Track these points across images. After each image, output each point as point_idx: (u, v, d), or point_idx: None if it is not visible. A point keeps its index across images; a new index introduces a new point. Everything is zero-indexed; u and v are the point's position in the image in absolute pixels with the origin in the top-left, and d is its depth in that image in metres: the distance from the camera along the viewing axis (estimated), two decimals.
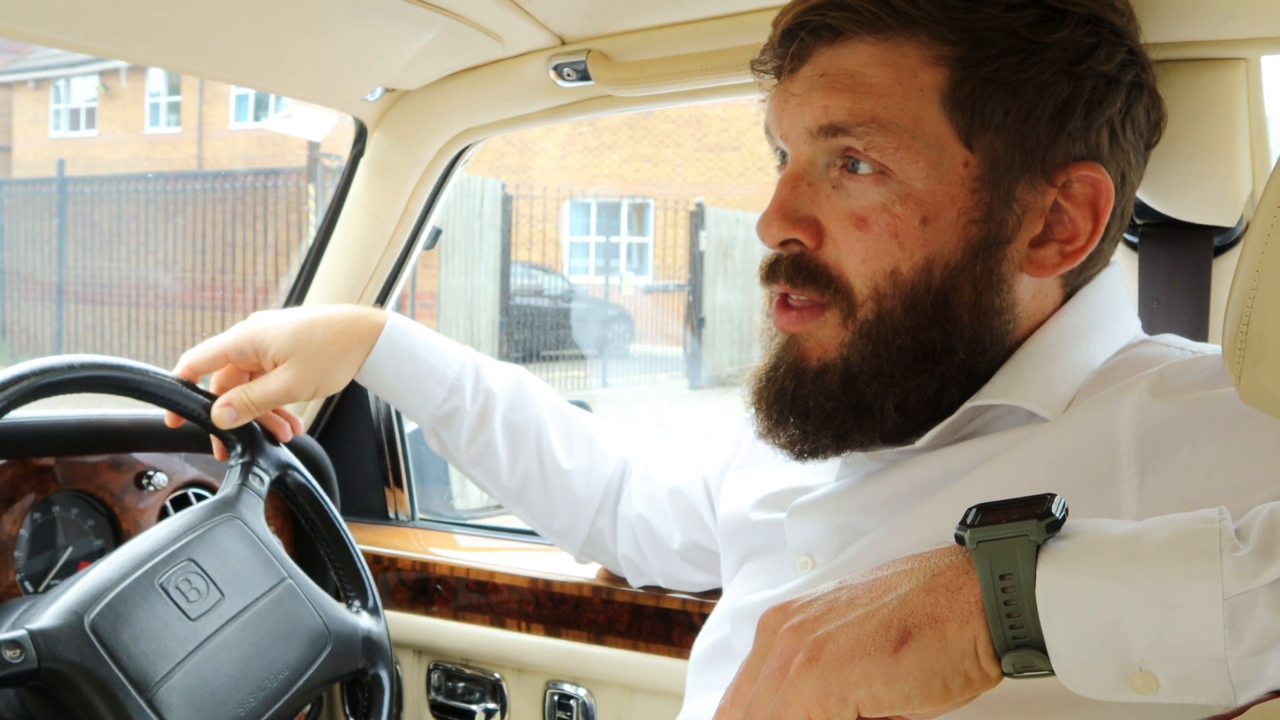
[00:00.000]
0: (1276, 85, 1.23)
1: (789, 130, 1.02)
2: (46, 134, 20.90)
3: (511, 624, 1.76)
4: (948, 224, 0.97)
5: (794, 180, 1.01)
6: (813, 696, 0.72)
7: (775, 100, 1.04)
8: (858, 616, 0.73)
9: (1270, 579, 0.64)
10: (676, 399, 13.41)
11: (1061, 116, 0.97)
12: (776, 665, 0.74)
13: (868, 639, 0.71)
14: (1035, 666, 0.70)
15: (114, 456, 1.64)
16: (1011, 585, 0.69)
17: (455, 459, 1.52)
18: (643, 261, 17.19)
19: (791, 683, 0.73)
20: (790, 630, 0.75)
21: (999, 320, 0.99)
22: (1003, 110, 0.96)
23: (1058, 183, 0.98)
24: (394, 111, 1.79)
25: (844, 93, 0.97)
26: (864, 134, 0.96)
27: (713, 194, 16.37)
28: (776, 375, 1.03)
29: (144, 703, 1.19)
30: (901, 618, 0.71)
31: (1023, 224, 0.98)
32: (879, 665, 0.70)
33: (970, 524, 0.72)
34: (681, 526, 1.45)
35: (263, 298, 11.62)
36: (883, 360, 0.98)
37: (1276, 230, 0.70)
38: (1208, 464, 0.85)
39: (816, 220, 1.00)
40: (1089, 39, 0.96)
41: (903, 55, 0.96)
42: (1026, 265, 0.99)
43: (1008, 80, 0.95)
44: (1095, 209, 0.99)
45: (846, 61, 0.98)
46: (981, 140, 0.96)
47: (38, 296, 13.02)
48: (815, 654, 0.72)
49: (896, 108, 0.96)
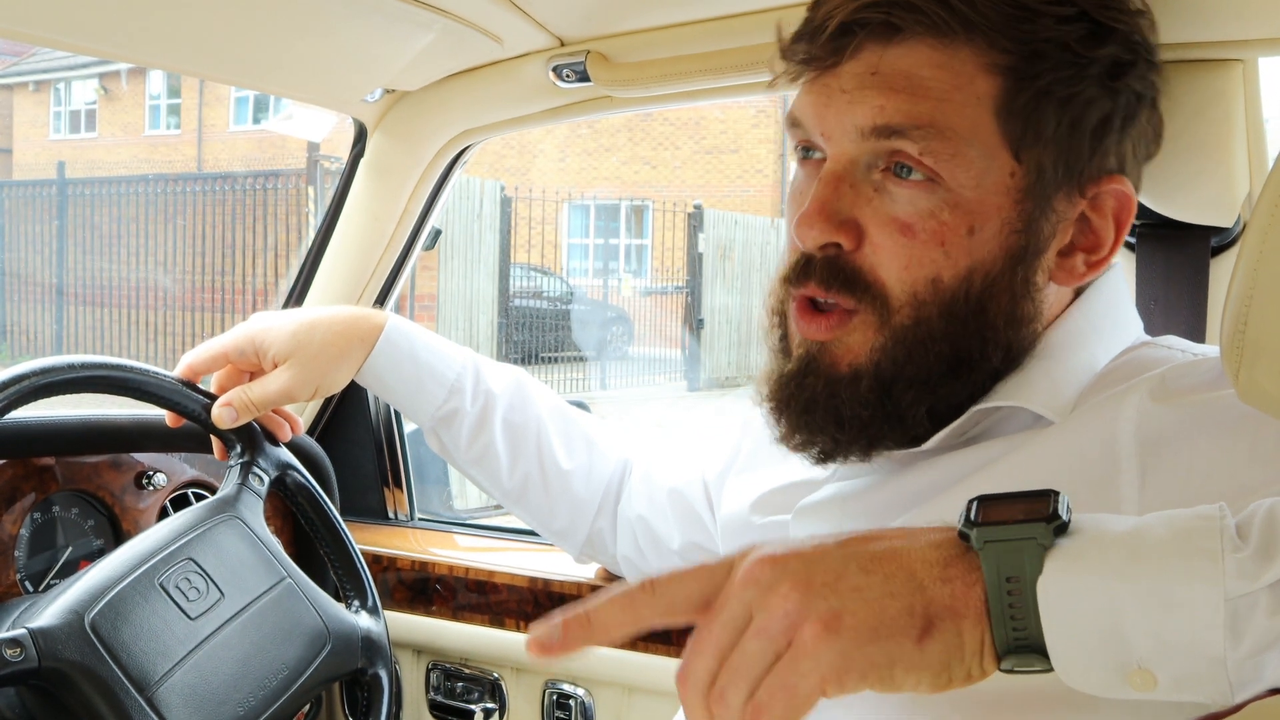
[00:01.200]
0: (1274, 86, 1.23)
1: (833, 127, 0.98)
2: (47, 136, 20.94)
3: (510, 624, 1.76)
4: (991, 234, 0.96)
5: (835, 180, 0.98)
6: (831, 670, 0.69)
7: (815, 94, 1.00)
8: (877, 595, 0.70)
9: (1271, 580, 0.64)
10: (675, 400, 13.42)
11: (1101, 131, 0.97)
12: (775, 627, 0.70)
13: (892, 621, 0.69)
14: (1032, 666, 0.70)
15: (114, 456, 1.64)
16: (1017, 589, 0.68)
17: (455, 460, 1.52)
18: (641, 263, 17.22)
19: (807, 653, 0.69)
20: (794, 589, 0.70)
21: (1029, 328, 0.99)
22: (1054, 123, 0.95)
23: (1089, 195, 0.99)
24: (393, 112, 1.79)
25: (901, 94, 0.95)
26: (920, 138, 0.94)
27: (711, 196, 16.39)
28: (805, 383, 1.01)
29: (144, 702, 1.19)
30: (924, 605, 0.69)
31: (1056, 234, 0.99)
32: (904, 651, 0.69)
33: (974, 520, 0.71)
34: (681, 527, 1.46)
35: (262, 299, 11.62)
36: (919, 367, 0.97)
37: (1273, 230, 0.70)
38: (1208, 466, 0.85)
39: (857, 222, 0.97)
40: (1128, 56, 0.97)
41: (959, 60, 0.95)
42: (1056, 274, 1.00)
43: (1060, 94, 0.95)
44: (1119, 220, 1.00)
45: (902, 62, 0.95)
46: (1030, 152, 0.96)
47: (38, 298, 13.03)
48: (834, 625, 0.69)
49: (954, 113, 0.94)
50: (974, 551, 0.70)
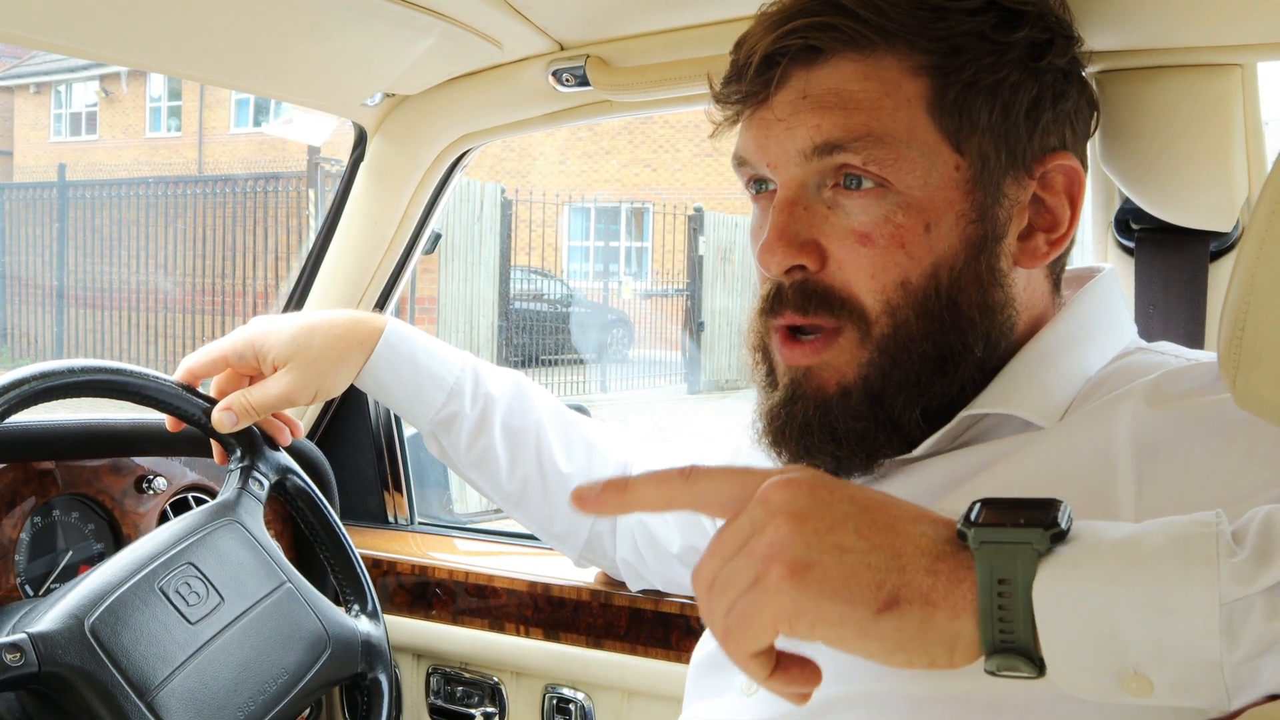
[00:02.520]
0: (1272, 91, 1.23)
1: (776, 156, 1.01)
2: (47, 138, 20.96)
3: (510, 628, 1.76)
4: (948, 228, 0.98)
5: (789, 205, 1.00)
6: (783, 612, 0.71)
7: (754, 128, 1.03)
8: (855, 559, 0.71)
9: (1267, 585, 0.64)
10: (675, 403, 13.41)
11: (1035, 112, 1.00)
12: (758, 554, 0.73)
13: (856, 587, 0.71)
14: (1018, 670, 0.70)
15: (114, 461, 1.64)
16: (1009, 591, 0.69)
17: (454, 463, 1.52)
18: (641, 266, 17.22)
19: (768, 590, 0.72)
20: (788, 523, 0.73)
21: (1003, 315, 1.01)
22: (987, 111, 0.98)
23: (1036, 175, 1.01)
24: (393, 116, 1.80)
25: (834, 110, 0.97)
26: (861, 148, 0.96)
27: (711, 199, 16.39)
28: (795, 409, 1.02)
29: (144, 706, 1.19)
30: (895, 584, 0.71)
31: (1012, 218, 1.00)
32: (856, 617, 0.70)
33: (974, 521, 0.72)
34: (681, 531, 1.46)
35: (262, 302, 11.63)
36: (905, 371, 0.98)
37: (1271, 235, 0.70)
38: (1205, 471, 0.85)
39: (817, 243, 0.99)
40: (1044, 35, 1.00)
41: (883, 68, 0.97)
42: (1020, 258, 1.01)
43: (986, 82, 0.98)
44: (1071, 196, 1.02)
45: (829, 80, 0.98)
46: (970, 143, 0.98)
47: (38, 301, 13.04)
48: (800, 573, 0.71)
49: (889, 119, 0.96)
50: (968, 550, 0.71)
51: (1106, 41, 1.15)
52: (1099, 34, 1.13)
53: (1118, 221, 1.36)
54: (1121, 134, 1.21)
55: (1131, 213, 1.31)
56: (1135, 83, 1.20)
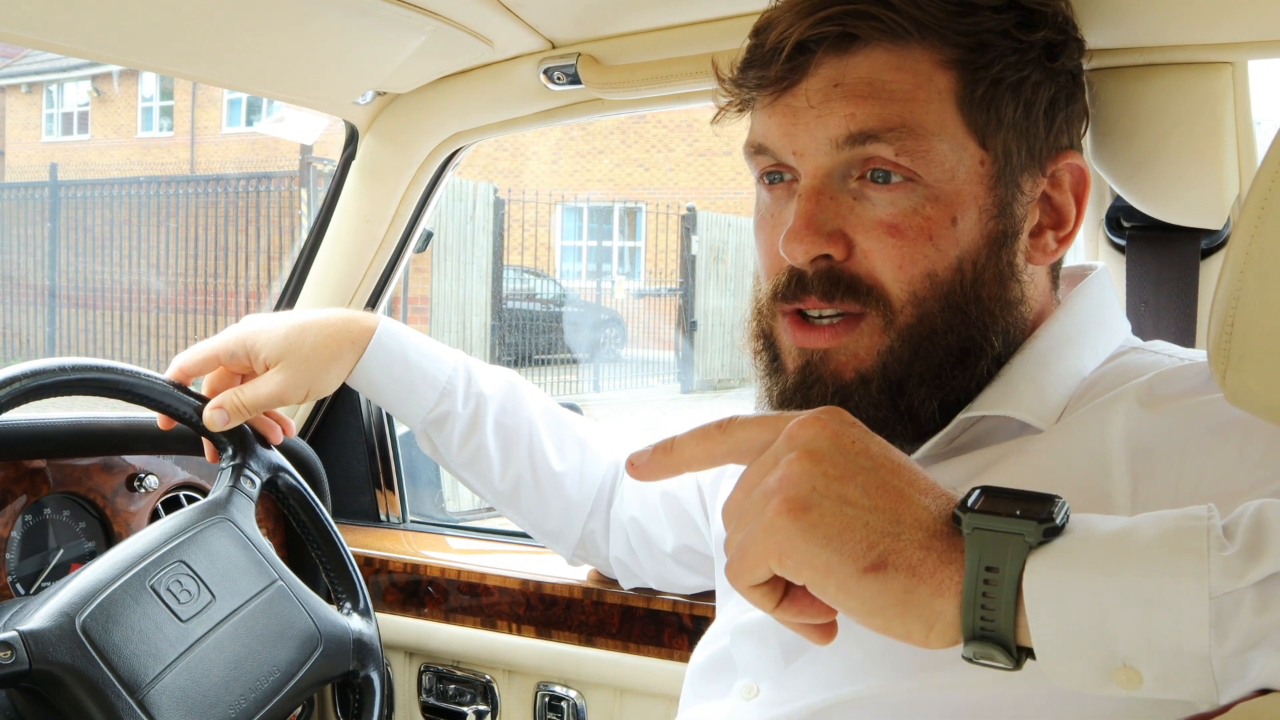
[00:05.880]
0: (1263, 88, 1.24)
1: (804, 144, 1.00)
2: (39, 138, 20.89)
3: (502, 626, 1.76)
4: (972, 222, 0.98)
5: (815, 194, 0.99)
6: (775, 547, 0.73)
7: (779, 115, 1.01)
8: (854, 515, 0.72)
9: (1256, 579, 0.65)
10: (668, 403, 13.41)
11: (1052, 110, 1.01)
12: (770, 487, 0.74)
13: (848, 540, 0.72)
14: (995, 659, 0.70)
15: (105, 459, 1.64)
16: (995, 579, 0.69)
17: (447, 462, 1.52)
18: (634, 266, 17.22)
19: (766, 522, 0.73)
20: (803, 460, 0.74)
21: (1019, 311, 1.02)
22: (1011, 108, 0.99)
23: (1048, 172, 1.02)
24: (385, 115, 1.79)
25: (868, 100, 0.97)
26: (894, 139, 0.96)
27: (704, 198, 16.40)
28: (811, 393, 1.01)
29: (135, 704, 1.19)
30: (886, 549, 0.71)
31: (1027, 215, 1.01)
32: (842, 570, 0.71)
33: (970, 507, 0.72)
34: (674, 529, 1.46)
35: (254, 301, 11.60)
36: (927, 363, 0.98)
37: (1260, 233, 0.71)
38: (1198, 471, 0.86)
39: (844, 233, 0.99)
40: (1059, 36, 1.01)
41: (915, 60, 0.97)
42: (1032, 255, 1.02)
43: (1011, 79, 0.98)
44: (1077, 194, 1.04)
45: (862, 69, 0.98)
46: (995, 139, 0.98)
47: (30, 300, 13.00)
48: (797, 512, 0.72)
49: (921, 111, 0.97)
50: (960, 535, 0.71)
51: (1098, 39, 1.15)
52: (1091, 32, 1.13)
53: (1109, 219, 1.36)
54: (1113, 132, 1.21)
55: (1123, 210, 1.32)
56: (1127, 80, 1.20)
